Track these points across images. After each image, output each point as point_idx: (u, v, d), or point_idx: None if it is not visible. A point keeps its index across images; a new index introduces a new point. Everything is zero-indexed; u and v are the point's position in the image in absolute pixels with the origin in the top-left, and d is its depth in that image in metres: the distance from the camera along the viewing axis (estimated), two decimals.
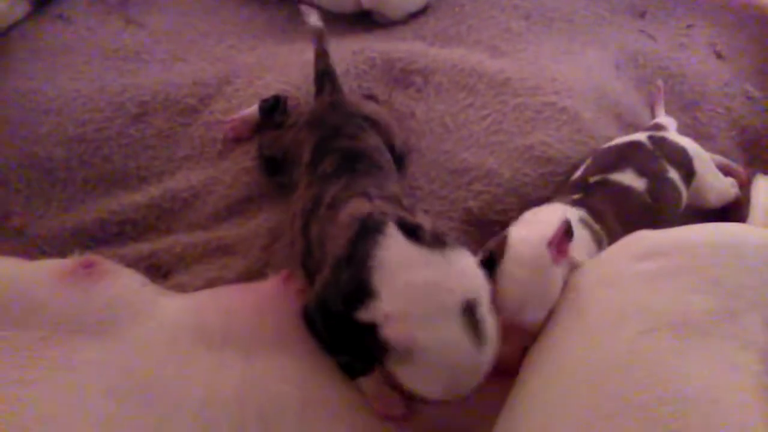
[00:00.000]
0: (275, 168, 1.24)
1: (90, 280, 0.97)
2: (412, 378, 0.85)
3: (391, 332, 0.82)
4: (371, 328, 0.87)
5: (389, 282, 0.85)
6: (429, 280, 0.84)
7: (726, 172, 1.34)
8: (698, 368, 0.74)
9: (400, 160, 1.25)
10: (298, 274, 1.08)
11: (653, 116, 1.42)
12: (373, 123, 1.19)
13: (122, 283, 1.00)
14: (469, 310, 0.84)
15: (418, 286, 0.84)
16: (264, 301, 1.03)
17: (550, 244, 0.94)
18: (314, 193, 1.06)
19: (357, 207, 0.96)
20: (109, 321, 0.94)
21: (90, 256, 1.03)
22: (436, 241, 0.89)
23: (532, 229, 0.99)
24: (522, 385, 0.87)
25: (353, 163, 1.07)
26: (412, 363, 0.82)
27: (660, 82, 1.46)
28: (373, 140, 1.15)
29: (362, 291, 0.87)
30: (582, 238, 1.03)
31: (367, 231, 0.90)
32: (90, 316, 0.94)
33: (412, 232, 0.89)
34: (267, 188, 1.28)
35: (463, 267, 0.88)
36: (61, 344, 0.90)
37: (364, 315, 0.87)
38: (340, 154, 1.09)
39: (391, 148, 1.20)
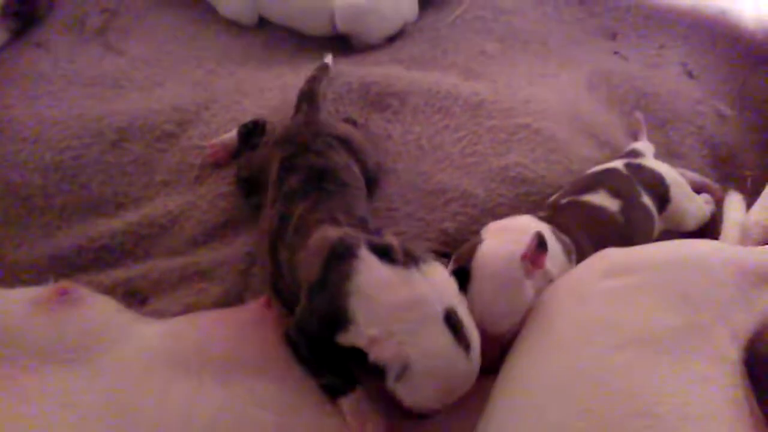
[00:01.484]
0: (250, 189, 1.25)
1: (64, 307, 0.97)
2: (410, 392, 0.87)
3: (383, 353, 0.85)
4: (354, 351, 0.89)
5: (369, 306, 0.88)
6: (408, 297, 0.88)
7: (702, 189, 1.36)
8: (667, 383, 0.75)
9: (372, 182, 1.26)
10: (269, 296, 1.09)
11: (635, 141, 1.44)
12: (344, 142, 1.20)
13: (97, 309, 1.00)
14: (451, 318, 0.88)
15: (400, 304, 0.87)
16: (243, 327, 1.03)
17: (524, 257, 0.95)
18: (280, 211, 1.07)
19: (326, 233, 0.98)
20: (83, 348, 0.93)
21: (64, 283, 1.02)
22: (409, 259, 0.92)
23: (503, 240, 1.00)
24: (493, 401, 0.88)
25: (320, 182, 1.08)
26: (408, 378, 0.85)
27: (639, 114, 1.47)
28: (340, 158, 1.15)
29: (340, 316, 0.89)
30: (553, 249, 1.03)
31: (339, 256, 0.92)
32: (63, 344, 0.93)
33: (384, 253, 0.92)
34: (244, 213, 1.28)
35: (437, 279, 0.92)
36: (35, 373, 0.89)
37: (345, 339, 0.90)
38: (307, 171, 1.10)
39: (364, 170, 1.21)
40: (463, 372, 0.88)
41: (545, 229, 1.05)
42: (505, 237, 1.01)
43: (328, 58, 1.48)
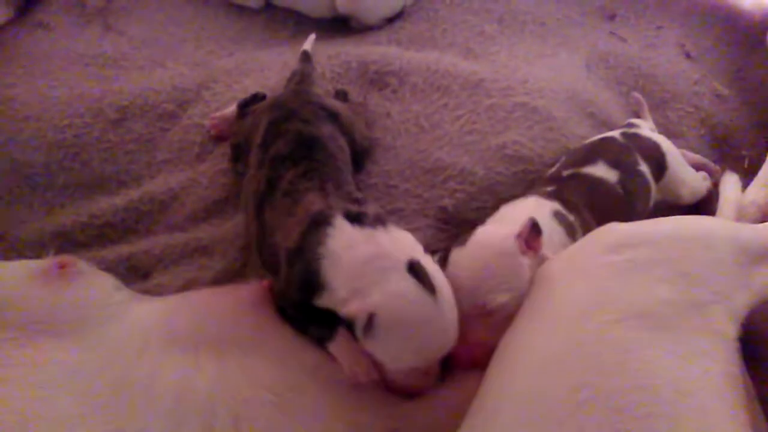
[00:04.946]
0: (239, 154, 1.26)
1: (63, 280, 0.98)
2: (382, 345, 0.88)
3: (350, 308, 0.87)
4: (332, 313, 0.92)
5: (338, 267, 0.91)
6: (371, 252, 0.90)
7: (700, 168, 1.36)
8: (665, 358, 0.75)
9: (361, 156, 1.28)
10: (256, 262, 1.11)
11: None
12: (332, 115, 1.21)
13: (95, 284, 1.01)
14: (414, 267, 0.89)
15: (363, 260, 0.90)
16: (240, 306, 1.03)
17: (519, 236, 0.96)
18: (267, 175, 1.08)
19: (311, 202, 1.00)
20: (80, 322, 0.94)
21: (64, 257, 1.03)
22: (377, 221, 0.95)
23: (500, 225, 1.03)
24: (492, 374, 0.87)
25: (310, 151, 1.10)
26: (378, 330, 0.87)
27: (637, 95, 1.48)
28: (327, 129, 1.16)
29: (315, 281, 0.92)
30: (556, 233, 1.04)
31: (317, 225, 0.95)
32: (61, 316, 0.94)
33: (356, 218, 0.95)
34: None
35: (401, 237, 0.95)
36: (32, 344, 0.90)
37: (321, 302, 0.93)
38: (295, 138, 1.11)
39: (352, 144, 1.22)
40: (433, 317, 0.88)
41: (549, 211, 1.06)
42: (503, 223, 1.03)
43: (309, 43, 1.48)
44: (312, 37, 1.50)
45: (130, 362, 0.91)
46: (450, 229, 1.24)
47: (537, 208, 1.08)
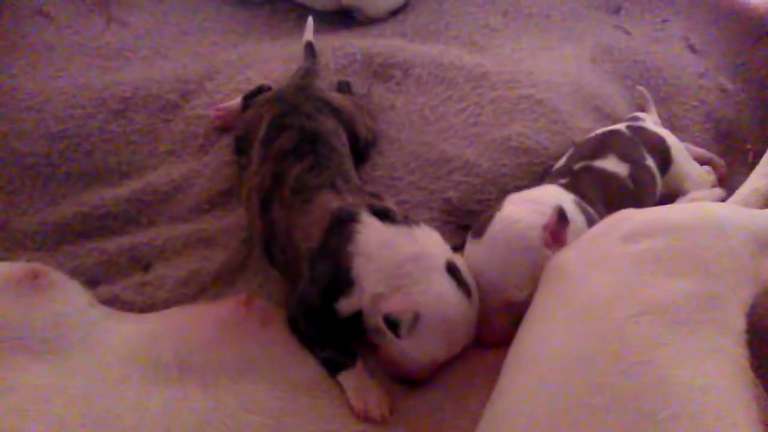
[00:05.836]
0: (242, 147, 1.25)
1: (35, 293, 0.95)
2: (420, 343, 0.89)
3: (394, 306, 0.87)
4: (352, 324, 0.92)
5: (373, 265, 0.91)
6: (413, 251, 0.91)
7: (705, 163, 1.36)
8: (684, 355, 0.74)
9: (365, 150, 1.28)
10: (259, 257, 1.11)
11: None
12: (335, 110, 1.21)
13: (69, 299, 0.98)
14: (451, 267, 0.92)
15: (404, 259, 0.91)
16: (222, 327, 0.99)
17: (545, 228, 0.95)
18: (271, 170, 1.08)
19: (327, 200, 1.00)
20: (54, 341, 0.91)
21: (36, 266, 1.00)
22: (407, 220, 0.97)
23: (524, 209, 1.00)
24: (509, 371, 0.85)
25: (314, 145, 1.09)
26: (421, 329, 0.88)
27: (642, 88, 1.47)
28: (330, 124, 1.16)
29: (342, 279, 0.91)
30: (576, 223, 1.02)
31: (341, 222, 0.95)
32: (35, 333, 0.91)
33: (384, 215, 0.95)
34: None
35: (435, 236, 0.96)
36: (5, 362, 0.87)
37: (347, 304, 0.92)
38: (298, 133, 1.11)
39: (355, 138, 1.22)
40: (468, 317, 0.92)
41: (570, 201, 1.05)
42: (527, 206, 1.00)
43: (309, 31, 1.48)
44: (310, 23, 1.49)
45: (113, 391, 0.88)
46: (455, 221, 1.24)
47: (560, 195, 1.06)
